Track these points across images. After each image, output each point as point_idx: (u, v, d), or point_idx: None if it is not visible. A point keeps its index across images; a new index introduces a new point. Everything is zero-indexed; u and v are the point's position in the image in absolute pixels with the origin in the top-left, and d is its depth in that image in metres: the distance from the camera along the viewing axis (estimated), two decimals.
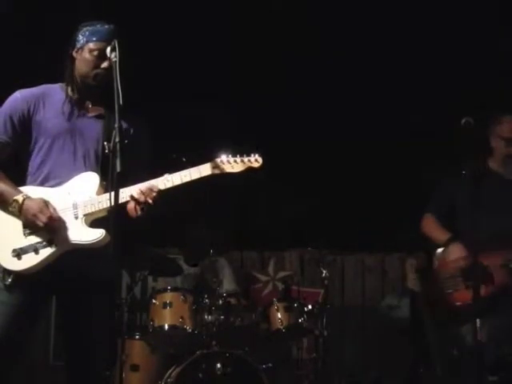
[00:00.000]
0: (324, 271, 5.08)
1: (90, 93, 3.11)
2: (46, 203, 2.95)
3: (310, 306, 4.93)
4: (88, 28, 3.08)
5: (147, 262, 5.12)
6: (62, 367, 3.10)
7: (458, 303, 3.79)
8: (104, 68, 3.01)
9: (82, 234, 2.95)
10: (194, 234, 5.07)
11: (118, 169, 2.66)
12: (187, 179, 2.99)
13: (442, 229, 4.04)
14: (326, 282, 5.11)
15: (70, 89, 3.11)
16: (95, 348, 2.98)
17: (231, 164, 3.01)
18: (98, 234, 2.94)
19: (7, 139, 3.05)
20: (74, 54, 3.10)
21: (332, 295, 5.83)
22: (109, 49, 2.94)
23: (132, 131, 3.15)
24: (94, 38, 3.05)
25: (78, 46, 3.08)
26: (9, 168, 3.08)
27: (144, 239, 4.86)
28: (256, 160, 3.04)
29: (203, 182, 3.03)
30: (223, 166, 3.00)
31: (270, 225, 5.92)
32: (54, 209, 2.95)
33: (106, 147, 2.92)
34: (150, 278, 5.74)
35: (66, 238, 2.94)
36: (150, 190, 2.94)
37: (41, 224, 2.91)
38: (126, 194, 2.94)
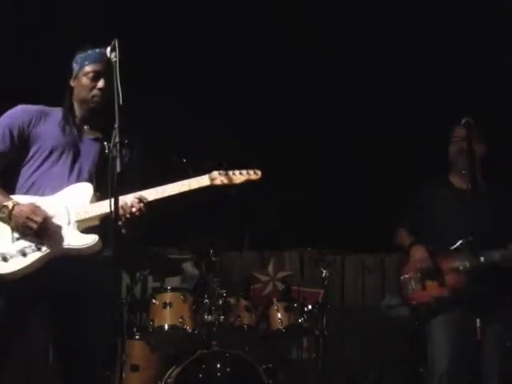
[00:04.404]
0: (324, 271, 5.08)
1: (90, 118, 3.16)
2: (37, 207, 2.93)
3: (309, 306, 4.93)
4: (80, 56, 3.18)
5: (147, 261, 5.12)
6: (62, 367, 3.10)
7: (414, 302, 4.01)
8: (100, 88, 3.08)
9: (73, 238, 2.93)
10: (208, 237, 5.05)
11: (118, 169, 2.67)
12: (185, 189, 3.01)
13: (407, 234, 4.19)
14: (326, 282, 5.11)
15: (68, 115, 3.16)
16: (90, 353, 2.98)
17: (230, 176, 3.05)
18: (90, 239, 2.92)
19: (5, 150, 3.08)
20: (72, 83, 3.18)
21: (332, 295, 5.83)
22: (109, 49, 2.95)
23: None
24: (87, 62, 3.14)
25: (74, 74, 3.18)
26: (3, 179, 3.09)
27: (144, 239, 4.86)
28: (255, 173, 3.09)
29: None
30: (222, 178, 3.04)
31: (270, 225, 5.92)
32: (46, 212, 2.94)
33: (106, 147, 2.92)
34: (150, 278, 5.74)
35: (56, 243, 2.91)
36: (138, 201, 2.95)
37: (34, 226, 2.89)
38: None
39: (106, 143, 2.97)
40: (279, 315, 4.78)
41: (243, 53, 5.64)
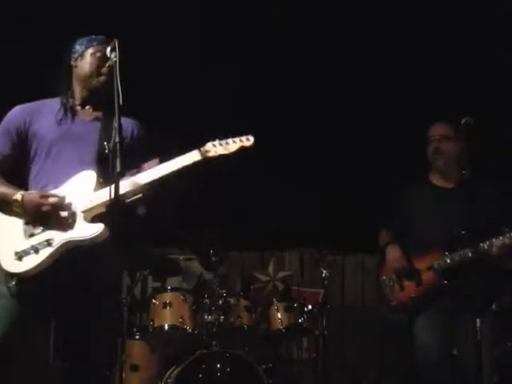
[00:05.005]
0: (324, 271, 5.07)
1: (90, 98, 3.16)
2: (45, 192, 2.97)
3: (309, 306, 4.92)
4: (84, 38, 3.20)
5: (147, 261, 5.12)
6: (62, 367, 3.10)
7: (394, 303, 4.00)
8: (108, 66, 3.06)
9: (81, 229, 2.95)
10: (209, 237, 5.05)
11: (118, 169, 2.68)
12: (178, 166, 3.01)
13: (386, 235, 4.21)
14: (326, 282, 5.10)
15: (66, 98, 3.16)
16: (97, 349, 2.99)
17: (223, 146, 3.03)
18: (96, 228, 2.93)
19: (8, 153, 3.11)
20: (73, 63, 3.18)
21: (332, 295, 5.83)
22: (109, 49, 2.97)
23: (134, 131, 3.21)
24: (95, 43, 3.16)
25: (76, 55, 3.18)
26: (10, 180, 3.11)
27: (144, 239, 4.87)
28: (247, 139, 3.06)
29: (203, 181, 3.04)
30: (217, 149, 3.02)
31: (270, 225, 5.92)
32: (55, 194, 2.96)
33: (106, 147, 2.94)
34: (150, 278, 5.74)
35: (65, 235, 2.94)
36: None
37: (48, 208, 2.92)
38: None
39: (105, 143, 2.98)
40: (279, 315, 4.78)
41: (243, 53, 5.64)
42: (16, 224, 3.00)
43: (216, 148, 3.02)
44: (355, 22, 5.58)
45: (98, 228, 2.92)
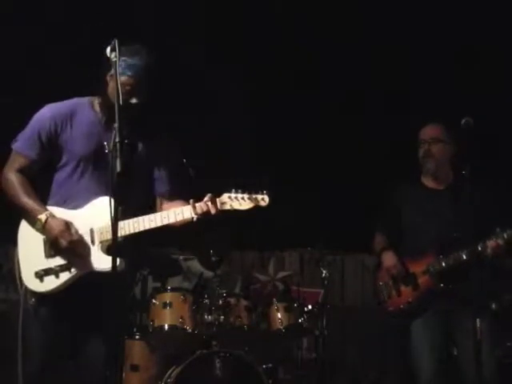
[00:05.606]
0: (324, 271, 5.08)
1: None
2: (68, 225, 2.99)
3: (309, 306, 4.92)
4: (125, 58, 2.99)
5: (147, 261, 5.12)
6: (62, 367, 3.11)
7: (391, 308, 4.02)
8: (132, 103, 3.01)
9: (98, 260, 2.99)
10: (209, 237, 5.05)
11: (118, 169, 2.66)
12: (171, 221, 3.11)
13: (380, 239, 4.19)
14: (325, 282, 5.10)
15: (99, 108, 3.12)
16: (98, 349, 3.01)
17: (239, 201, 3.05)
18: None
19: (35, 156, 3.09)
20: (108, 78, 3.07)
21: (332, 295, 5.83)
22: (109, 49, 2.94)
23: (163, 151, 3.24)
24: (129, 73, 3.01)
25: (111, 73, 3.00)
26: (35, 184, 3.13)
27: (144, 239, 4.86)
28: (263, 199, 3.07)
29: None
30: (231, 202, 3.05)
31: (270, 225, 5.92)
32: (76, 231, 3.00)
33: (106, 147, 2.94)
34: (150, 278, 5.73)
35: (83, 264, 3.00)
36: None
37: (64, 243, 2.97)
38: (149, 221, 3.05)
39: (105, 143, 2.98)
40: (279, 315, 4.78)
41: (244, 52, 5.64)
42: (38, 239, 3.04)
43: (232, 201, 3.04)
44: (355, 22, 5.57)
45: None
